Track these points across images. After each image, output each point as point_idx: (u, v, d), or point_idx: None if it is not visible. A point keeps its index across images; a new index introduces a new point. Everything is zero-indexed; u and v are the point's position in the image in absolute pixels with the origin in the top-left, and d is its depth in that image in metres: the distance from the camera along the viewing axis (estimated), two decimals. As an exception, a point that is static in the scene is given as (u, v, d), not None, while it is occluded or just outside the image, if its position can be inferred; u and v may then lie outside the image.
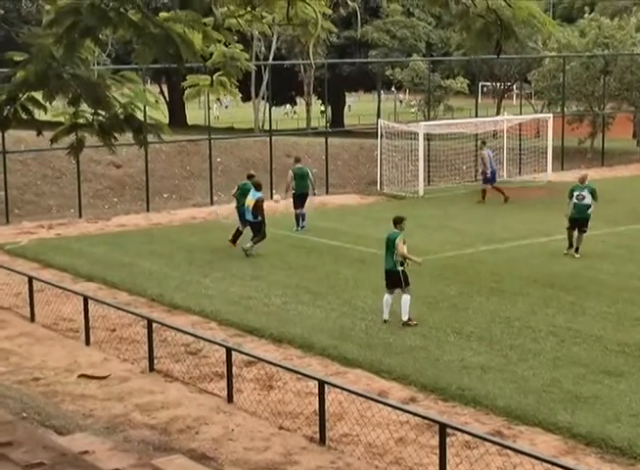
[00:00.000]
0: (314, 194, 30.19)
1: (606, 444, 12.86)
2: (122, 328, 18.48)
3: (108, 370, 16.14)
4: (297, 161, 30.70)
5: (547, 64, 48.42)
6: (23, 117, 9.81)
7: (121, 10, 8.89)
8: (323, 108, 66.48)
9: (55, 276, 22.83)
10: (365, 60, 61.86)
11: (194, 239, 27.65)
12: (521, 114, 45.78)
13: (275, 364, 14.81)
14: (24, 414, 13.09)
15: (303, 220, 29.54)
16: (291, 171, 29.97)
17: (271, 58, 58.08)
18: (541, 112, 51.19)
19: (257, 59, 57.07)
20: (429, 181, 38.33)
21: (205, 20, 9.51)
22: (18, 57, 9.46)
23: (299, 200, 29.63)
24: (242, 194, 26.71)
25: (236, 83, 11.06)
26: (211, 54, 10.37)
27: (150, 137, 10.60)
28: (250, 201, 25.27)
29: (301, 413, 13.94)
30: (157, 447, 12.54)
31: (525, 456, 11.06)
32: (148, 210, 33.42)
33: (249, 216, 25.32)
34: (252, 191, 25.42)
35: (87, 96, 9.53)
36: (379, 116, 41.76)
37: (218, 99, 70.22)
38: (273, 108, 49.62)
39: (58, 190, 34.89)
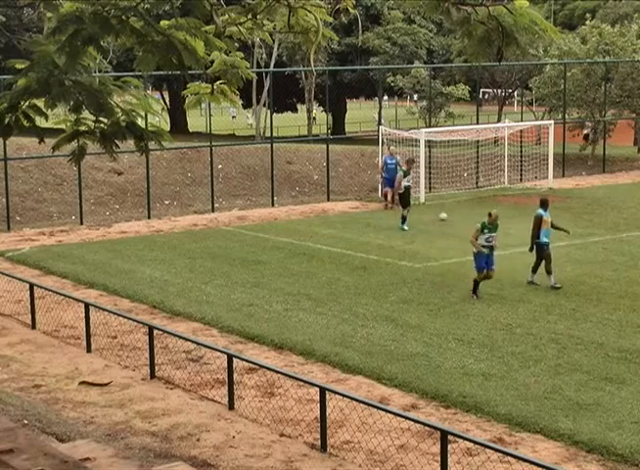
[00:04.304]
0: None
1: (607, 451, 12.85)
2: (123, 335, 18.48)
3: (109, 377, 16.14)
4: (407, 163, 32.59)
5: (548, 70, 48.45)
6: (25, 124, 9.82)
7: (124, 17, 8.90)
8: (315, 114, 66.44)
9: (56, 283, 22.84)
10: (366, 67, 61.93)
11: (195, 246, 27.66)
12: (522, 120, 45.81)
13: (276, 371, 14.80)
14: (26, 421, 13.09)
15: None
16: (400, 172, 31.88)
17: (272, 65, 58.16)
18: (542, 118, 51.26)
19: (258, 66, 57.15)
20: (430, 188, 38.32)
21: (207, 27, 9.52)
22: (19, 64, 9.48)
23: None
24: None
25: (236, 92, 11.06)
26: (212, 62, 10.38)
27: (151, 144, 10.62)
28: (547, 219, 22.73)
29: (303, 420, 13.94)
30: (158, 455, 12.53)
31: (527, 463, 11.05)
32: (149, 216, 33.44)
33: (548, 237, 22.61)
34: (542, 210, 22.93)
35: (89, 103, 9.54)
36: (380, 122, 41.79)
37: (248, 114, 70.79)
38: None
39: (59, 197, 34.93)
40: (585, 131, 50.22)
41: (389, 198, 34.25)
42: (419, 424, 12.84)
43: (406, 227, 29.98)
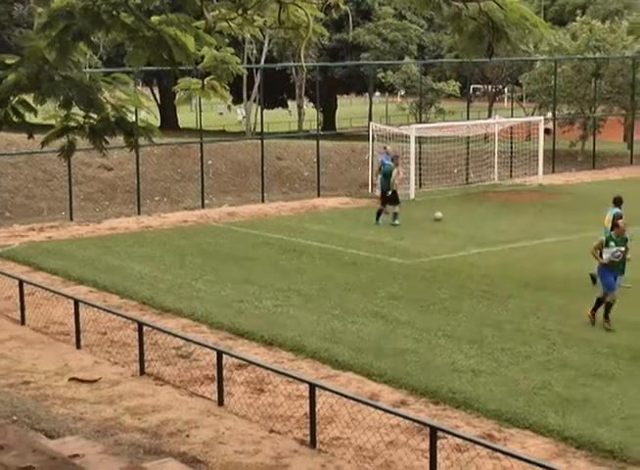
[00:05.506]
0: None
1: (596, 447, 12.87)
2: (113, 331, 18.45)
3: (98, 373, 16.11)
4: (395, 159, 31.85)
5: (538, 66, 48.53)
6: (15, 119, 9.80)
7: (114, 13, 8.89)
8: (304, 110, 66.16)
9: (46, 279, 22.79)
10: (357, 62, 61.91)
11: (185, 242, 27.63)
12: (512, 116, 45.84)
13: (266, 367, 14.80)
14: (15, 418, 13.06)
15: (378, 216, 30.71)
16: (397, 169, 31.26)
17: (263, 60, 58.12)
18: (532, 114, 51.29)
19: (249, 61, 57.12)
20: (420, 184, 38.38)
21: (197, 23, 9.51)
22: (9, 60, 9.45)
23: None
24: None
25: (226, 87, 11.05)
26: (202, 57, 10.37)
27: (141, 140, 10.60)
28: (607, 219, 21.65)
29: (292, 416, 13.94)
30: (147, 451, 12.52)
31: (516, 459, 11.08)
32: (139, 212, 33.38)
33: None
34: (611, 208, 21.93)
35: (79, 99, 9.53)
36: (370, 118, 41.77)
37: (229, 106, 70.57)
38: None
39: (49, 193, 34.85)
40: (546, 126, 50.49)
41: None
42: (408, 420, 12.85)
43: (398, 222, 30.05)
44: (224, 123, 74.12)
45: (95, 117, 9.92)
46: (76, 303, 17.99)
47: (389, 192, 30.42)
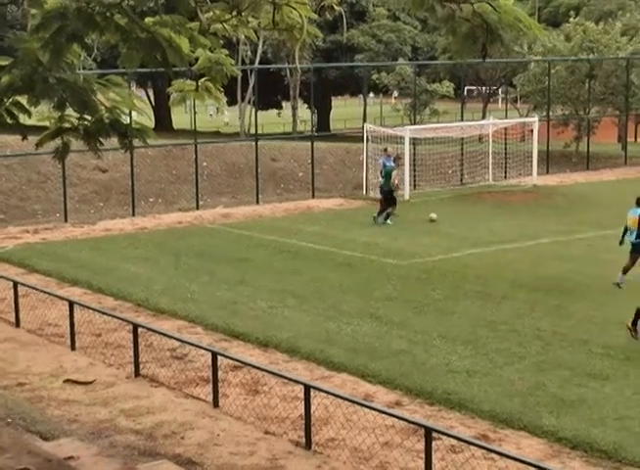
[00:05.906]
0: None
1: (591, 447, 12.86)
2: (108, 333, 18.43)
3: (93, 375, 16.10)
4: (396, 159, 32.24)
5: (532, 68, 48.60)
6: (9, 121, 9.80)
7: (108, 14, 8.89)
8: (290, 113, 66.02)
9: (40, 281, 22.77)
10: (351, 64, 61.94)
11: (180, 243, 27.62)
12: (506, 118, 45.90)
13: (261, 369, 14.79)
14: (9, 420, 13.05)
15: (379, 215, 30.84)
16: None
17: (257, 62, 58.14)
18: (527, 116, 51.36)
19: (243, 63, 57.12)
20: (414, 185, 38.39)
21: (191, 24, 9.51)
22: (3, 61, 9.45)
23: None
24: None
25: (220, 89, 11.06)
26: (197, 59, 10.38)
27: (135, 141, 10.60)
28: (632, 220, 20.79)
29: (287, 418, 13.93)
30: (142, 453, 12.51)
31: (511, 460, 11.05)
32: (133, 214, 33.37)
33: (631, 237, 20.85)
34: (634, 208, 20.89)
35: (73, 100, 9.53)
36: (364, 119, 41.78)
37: (217, 108, 70.59)
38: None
39: (43, 195, 34.83)
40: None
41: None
42: (403, 421, 12.83)
43: (391, 222, 30.21)
44: (213, 126, 74.15)
45: (89, 118, 9.92)
46: (71, 304, 17.97)
47: (393, 193, 30.66)
